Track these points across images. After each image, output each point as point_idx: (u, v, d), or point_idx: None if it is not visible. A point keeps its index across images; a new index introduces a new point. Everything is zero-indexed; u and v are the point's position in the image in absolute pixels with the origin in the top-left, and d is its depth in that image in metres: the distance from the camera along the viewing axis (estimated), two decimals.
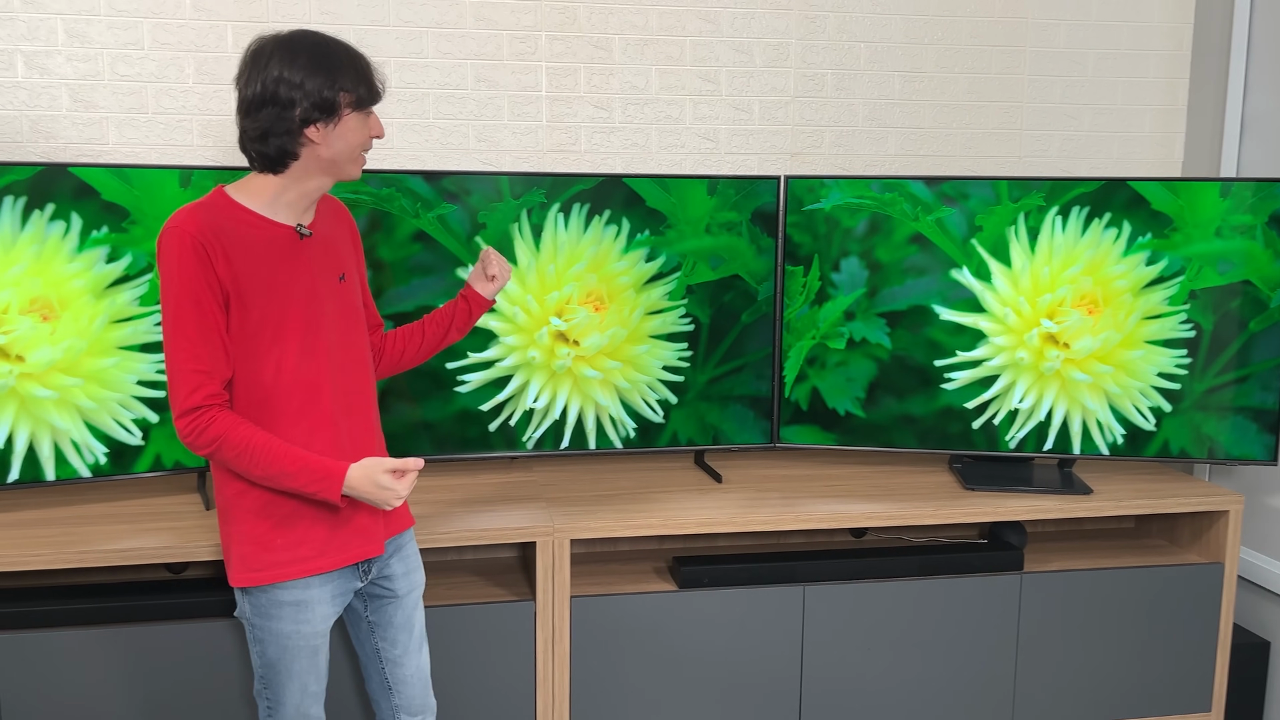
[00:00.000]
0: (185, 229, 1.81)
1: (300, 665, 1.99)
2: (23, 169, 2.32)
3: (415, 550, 2.16)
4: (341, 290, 1.98)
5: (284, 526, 1.93)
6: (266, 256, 1.88)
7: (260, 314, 1.88)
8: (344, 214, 2.10)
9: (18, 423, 2.38)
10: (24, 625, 2.34)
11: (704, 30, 2.94)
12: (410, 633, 2.13)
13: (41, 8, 2.61)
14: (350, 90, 1.86)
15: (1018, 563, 2.74)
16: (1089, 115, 3.15)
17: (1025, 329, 2.75)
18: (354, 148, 1.91)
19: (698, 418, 2.81)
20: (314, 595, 1.96)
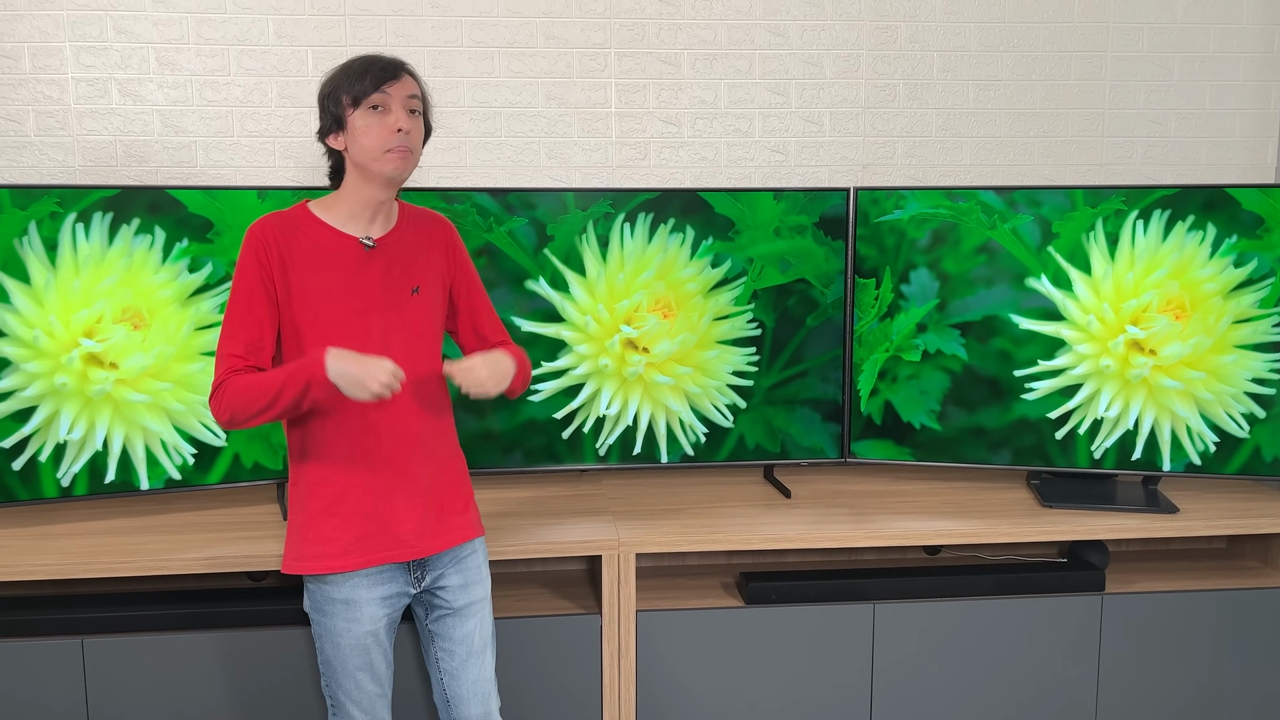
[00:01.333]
0: (254, 231, 1.96)
1: (354, 663, 2.03)
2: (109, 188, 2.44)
3: (479, 564, 2.14)
4: (414, 302, 2.02)
5: (315, 522, 2.00)
6: (328, 264, 1.96)
7: (314, 316, 1.95)
8: (441, 230, 2.11)
9: (113, 426, 2.49)
10: (112, 630, 2.43)
11: (773, 43, 2.93)
12: (468, 647, 2.11)
13: (135, 37, 2.73)
14: (348, 91, 1.92)
15: (1099, 583, 2.65)
16: (1174, 121, 3.05)
17: (1110, 336, 2.67)
18: (373, 146, 1.92)
19: (764, 422, 2.79)
20: (362, 595, 2.01)
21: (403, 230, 2.04)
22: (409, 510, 2.02)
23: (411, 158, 1.95)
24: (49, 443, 2.47)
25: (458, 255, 2.13)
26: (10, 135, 2.72)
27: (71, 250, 2.41)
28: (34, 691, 2.39)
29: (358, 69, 1.94)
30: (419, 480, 2.03)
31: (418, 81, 2.00)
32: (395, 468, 2.00)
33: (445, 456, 2.09)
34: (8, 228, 2.37)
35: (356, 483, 1.99)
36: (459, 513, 2.10)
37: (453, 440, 2.12)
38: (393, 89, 1.93)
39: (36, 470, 2.47)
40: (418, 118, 1.97)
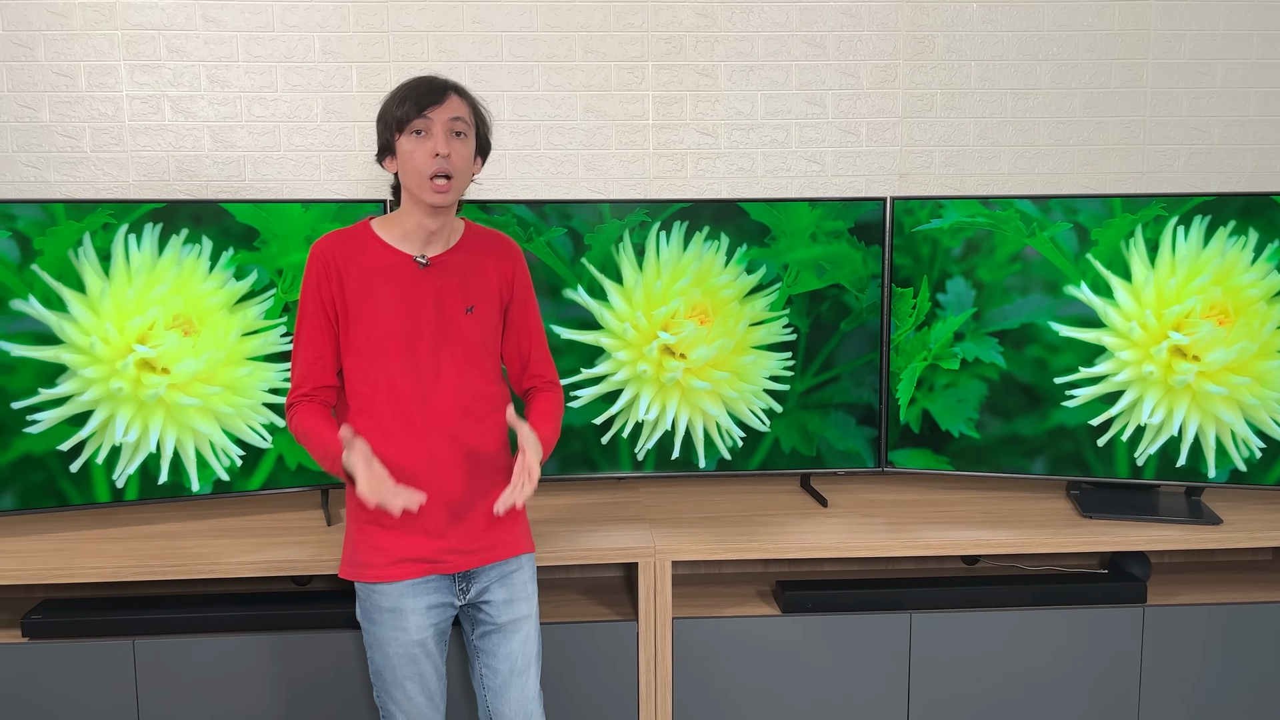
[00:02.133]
0: (315, 249, 2.03)
1: (403, 673, 2.06)
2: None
3: (525, 581, 2.13)
4: (468, 321, 2.03)
5: (365, 532, 2.05)
6: (383, 281, 2.00)
7: (367, 330, 2.00)
8: (504, 252, 2.11)
9: (166, 429, 2.57)
10: (163, 631, 2.50)
11: (810, 54, 2.95)
12: (511, 664, 2.11)
13: (186, 56, 2.81)
14: (392, 116, 1.96)
15: (1140, 595, 2.62)
16: (1218, 128, 3.02)
17: (1152, 342, 2.64)
18: (413, 172, 1.95)
19: (800, 426, 2.80)
20: (408, 605, 2.04)
21: (462, 250, 2.06)
22: (455, 524, 2.04)
23: (453, 185, 1.96)
24: (105, 445, 2.54)
25: (518, 278, 2.12)
26: (67, 151, 2.81)
27: (124, 260, 2.49)
28: (86, 691, 2.46)
29: (401, 93, 1.97)
30: (463, 499, 2.05)
31: (466, 101, 2.00)
32: (443, 482, 2.03)
33: (495, 473, 2.09)
34: (63, 239, 2.45)
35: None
36: (506, 528, 2.10)
37: (503, 460, 2.12)
38: (435, 113, 1.94)
39: (90, 473, 2.55)
40: (463, 140, 1.97)
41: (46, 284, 2.46)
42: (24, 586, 2.66)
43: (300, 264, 2.58)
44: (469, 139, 1.99)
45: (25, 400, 2.48)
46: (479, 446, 2.06)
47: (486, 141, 2.06)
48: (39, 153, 2.81)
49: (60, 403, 2.51)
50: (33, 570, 2.41)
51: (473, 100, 2.03)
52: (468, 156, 1.99)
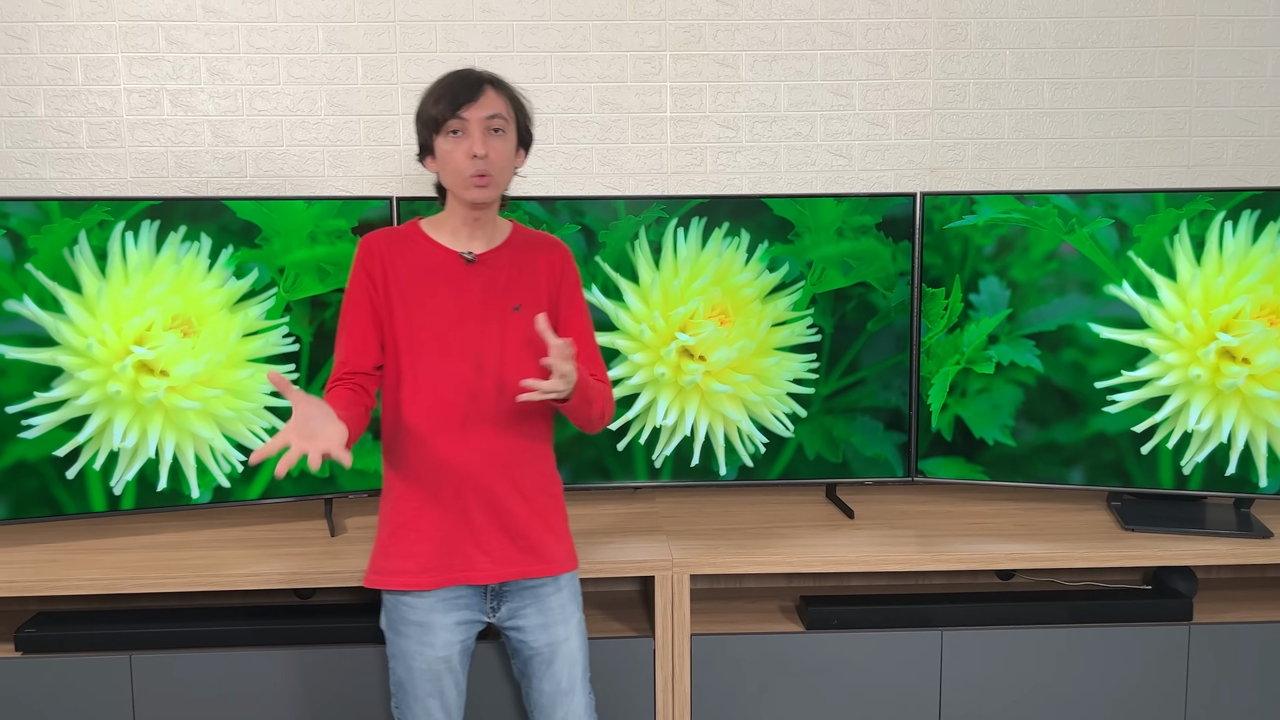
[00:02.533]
0: (363, 244, 2.02)
1: (424, 689, 2.01)
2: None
3: (563, 604, 2.05)
4: (514, 320, 1.99)
5: (396, 537, 2.00)
6: (430, 278, 1.98)
7: (412, 327, 1.97)
8: (552, 253, 2.07)
9: (165, 433, 2.48)
10: (161, 645, 2.41)
11: (836, 43, 2.82)
12: (555, 686, 2.06)
13: (186, 48, 2.72)
14: (428, 116, 1.93)
15: (1186, 612, 2.48)
16: (1269, 119, 2.87)
17: (1200, 344, 2.50)
18: (453, 172, 1.93)
19: (824, 431, 2.67)
20: (436, 619, 1.99)
21: (509, 248, 2.03)
22: (489, 532, 1.99)
23: (492, 182, 1.93)
24: (102, 451, 2.45)
25: (566, 279, 2.08)
26: (63, 147, 2.72)
27: (121, 258, 2.40)
28: (81, 707, 2.37)
29: (436, 92, 1.94)
30: (503, 503, 1.99)
31: (504, 94, 1.96)
32: (479, 488, 1.98)
33: (536, 481, 2.04)
34: (58, 237, 2.36)
35: (438, 499, 1.97)
36: (544, 544, 2.03)
37: (547, 466, 2.07)
38: (470, 111, 1.90)
39: (86, 481, 2.46)
40: (501, 136, 1.93)
41: (41, 284, 2.37)
42: (18, 599, 2.57)
43: (303, 262, 2.49)
44: (508, 134, 1.96)
45: (20, 404, 2.39)
46: (523, 447, 2.01)
47: (528, 132, 2.02)
48: (34, 148, 2.72)
49: (56, 406, 2.41)
50: (26, 582, 2.32)
51: (511, 91, 1.99)
52: (506, 152, 1.96)
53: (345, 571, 2.35)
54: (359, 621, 2.46)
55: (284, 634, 2.44)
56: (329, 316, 2.52)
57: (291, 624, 2.46)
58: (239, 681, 2.39)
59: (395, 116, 2.78)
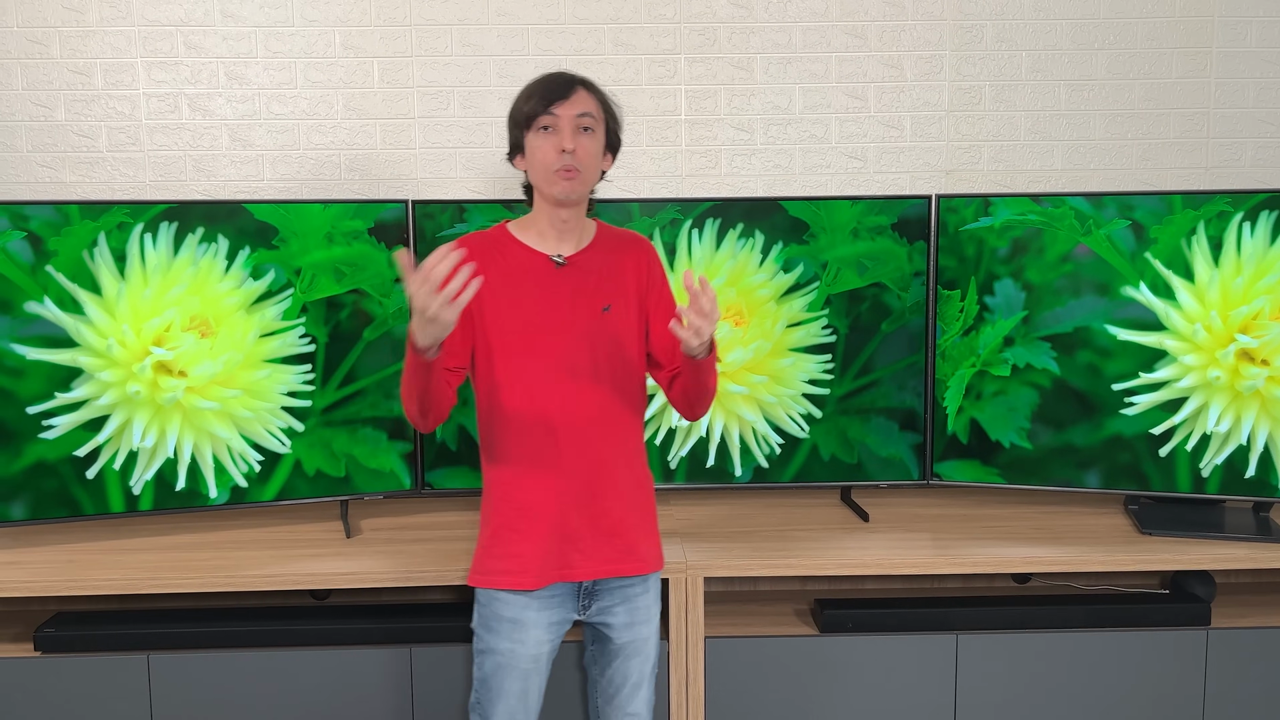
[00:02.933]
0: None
1: (510, 686, 2.03)
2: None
3: (649, 604, 2.09)
4: (604, 321, 2.00)
5: (498, 537, 2.02)
6: (520, 281, 1.99)
7: (502, 330, 1.98)
8: (639, 251, 2.08)
9: (183, 433, 2.49)
10: (178, 646, 2.42)
11: (851, 45, 2.82)
12: (625, 684, 2.10)
13: (204, 52, 2.74)
14: (519, 113, 1.96)
15: (1204, 617, 2.46)
16: None
17: (1218, 346, 2.48)
18: (540, 167, 1.94)
19: (839, 432, 2.67)
20: (531, 618, 2.01)
21: (597, 249, 2.03)
22: (585, 531, 2.01)
23: (580, 178, 1.93)
24: (121, 451, 2.47)
25: (654, 276, 2.08)
26: (83, 151, 2.75)
27: (140, 260, 2.42)
28: (99, 707, 2.39)
29: (529, 90, 1.96)
30: (598, 502, 2.01)
31: (595, 96, 1.98)
32: (575, 488, 2.00)
33: (629, 482, 2.06)
34: (78, 239, 2.38)
35: (536, 500, 1.99)
36: (636, 542, 2.05)
37: (639, 466, 2.09)
38: (561, 108, 1.92)
39: (104, 481, 2.48)
40: (590, 135, 1.95)
41: (61, 286, 2.39)
42: (38, 599, 2.59)
43: (319, 263, 2.50)
44: (597, 134, 1.97)
45: (40, 405, 2.41)
46: (614, 448, 2.03)
47: (616, 137, 2.03)
48: (54, 152, 2.74)
49: (76, 407, 2.43)
50: (45, 582, 2.34)
51: (602, 95, 2.00)
52: (595, 151, 1.96)
53: (361, 573, 2.36)
54: (375, 623, 2.47)
55: (300, 635, 2.45)
56: (344, 317, 2.54)
57: (308, 625, 2.47)
58: (255, 682, 2.40)
59: (411, 120, 2.79)
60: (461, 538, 2.55)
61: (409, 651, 2.41)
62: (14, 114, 2.72)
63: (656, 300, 2.08)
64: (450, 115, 2.79)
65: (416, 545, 2.51)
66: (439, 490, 2.68)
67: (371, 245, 2.53)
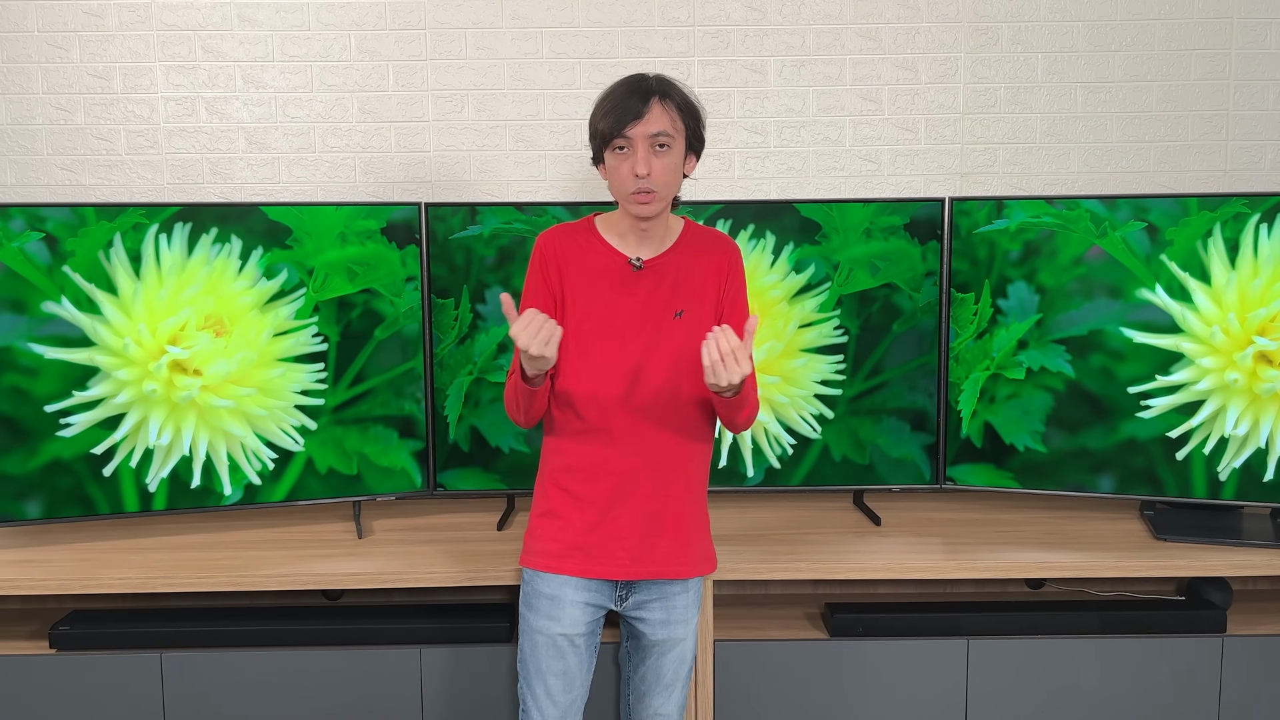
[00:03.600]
0: (540, 241, 2.05)
1: (546, 664, 2.04)
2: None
3: (687, 605, 2.08)
4: (676, 326, 1.99)
5: (543, 521, 2.06)
6: (598, 279, 2.00)
7: (577, 328, 1.99)
8: (722, 255, 2.06)
9: (198, 431, 2.52)
10: (192, 645, 2.44)
11: (865, 48, 2.81)
12: (656, 683, 2.10)
13: (222, 56, 2.76)
14: (596, 131, 1.94)
15: (1220, 624, 2.43)
16: None
17: (1236, 348, 2.46)
18: (619, 186, 1.94)
19: (851, 433, 2.65)
20: (568, 595, 2.02)
21: (678, 252, 2.03)
22: (630, 529, 2.01)
23: (656, 199, 1.92)
24: (138, 448, 2.49)
25: (733, 282, 2.07)
26: (102, 154, 2.78)
27: (155, 260, 2.44)
28: (113, 704, 2.41)
29: (605, 106, 1.93)
30: (650, 503, 2.01)
31: (672, 106, 1.93)
32: (627, 488, 2.01)
33: (686, 484, 2.05)
34: (93, 240, 2.41)
35: (586, 493, 2.01)
36: (681, 547, 2.05)
37: (699, 470, 2.08)
38: (635, 129, 1.89)
39: (119, 480, 2.50)
40: (666, 152, 1.92)
41: (78, 286, 2.41)
42: (54, 597, 2.62)
43: (332, 262, 2.52)
44: (675, 148, 1.94)
45: (57, 404, 2.44)
46: (675, 453, 2.03)
47: (699, 138, 2.00)
48: (74, 155, 2.77)
49: (92, 405, 2.46)
50: (60, 580, 2.36)
51: (679, 101, 1.95)
52: (672, 168, 1.94)
53: (373, 573, 2.37)
54: (387, 623, 2.47)
55: (311, 635, 2.46)
56: (355, 316, 2.55)
57: (319, 625, 2.48)
58: (267, 681, 2.41)
59: (426, 123, 2.81)
60: (473, 539, 2.55)
61: (419, 652, 2.42)
62: (34, 117, 2.76)
63: (730, 309, 2.06)
64: (464, 118, 2.81)
65: (427, 546, 2.52)
66: (451, 491, 2.69)
67: (384, 245, 2.55)
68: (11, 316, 2.40)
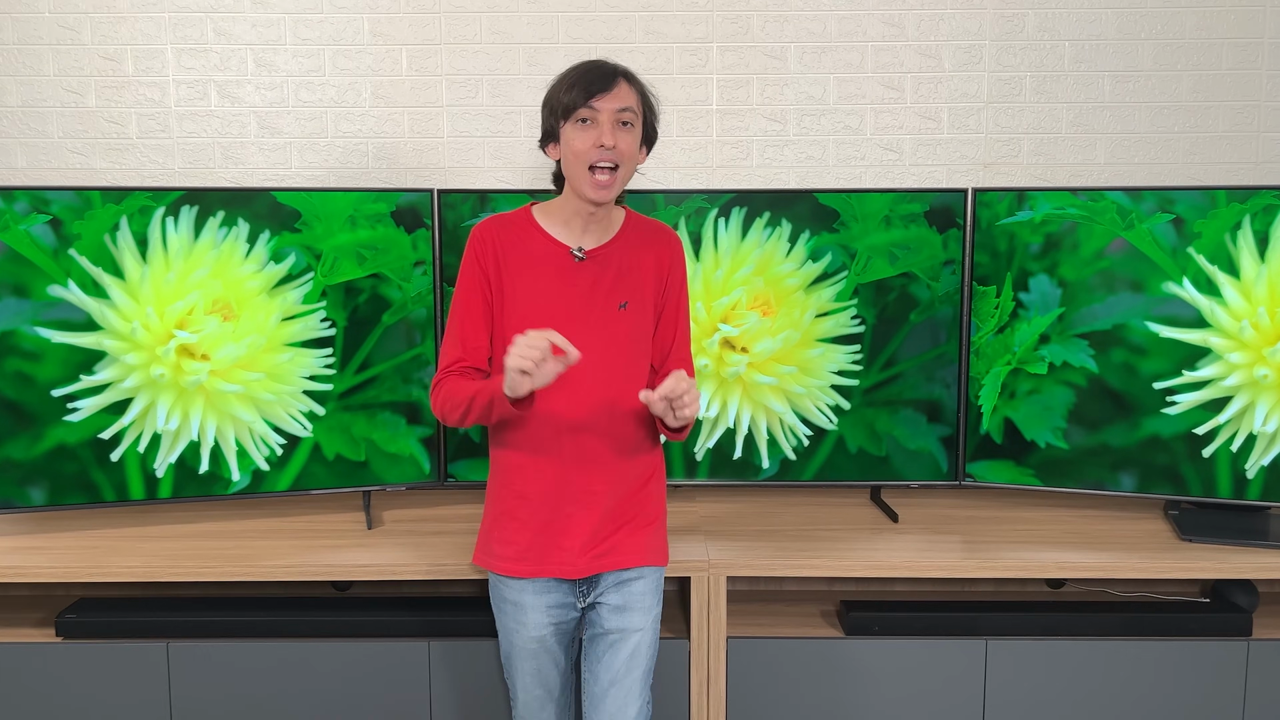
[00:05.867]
0: (475, 232, 1.98)
1: (521, 666, 2.03)
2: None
3: (644, 592, 2.00)
4: (620, 318, 1.95)
5: (498, 524, 2.01)
6: (538, 271, 1.95)
7: (518, 321, 1.93)
8: (663, 246, 2.02)
9: (206, 416, 2.49)
10: (199, 634, 2.42)
11: (887, 35, 2.75)
12: (611, 676, 2.00)
13: (234, 39, 2.73)
14: (558, 102, 1.89)
15: (1245, 627, 2.37)
16: None
17: (1266, 343, 2.39)
18: (575, 160, 1.88)
19: (867, 424, 2.60)
20: (529, 601, 1.99)
21: (620, 242, 1.98)
22: (582, 526, 1.97)
23: (614, 182, 1.89)
24: (145, 433, 2.47)
25: (674, 274, 2.03)
26: (113, 138, 2.75)
27: (162, 244, 2.42)
28: (119, 693, 2.39)
29: (569, 79, 1.90)
30: (600, 498, 1.97)
31: (635, 89, 1.92)
32: (577, 482, 1.96)
33: (636, 478, 2.01)
34: (99, 223, 2.38)
35: (537, 491, 1.97)
36: (633, 539, 2.00)
37: (650, 461, 2.04)
38: (602, 102, 1.87)
39: (125, 466, 2.47)
40: (629, 130, 1.89)
41: (84, 269, 2.39)
42: (62, 585, 2.60)
43: (342, 246, 2.49)
44: (635, 129, 1.92)
45: (65, 388, 2.42)
46: (621, 448, 1.98)
47: (653, 130, 1.97)
48: (85, 139, 2.75)
49: (99, 390, 2.43)
50: (67, 568, 2.34)
51: (642, 87, 1.94)
52: (633, 147, 1.91)
53: (382, 565, 2.33)
54: (396, 615, 2.45)
55: (318, 626, 2.43)
56: (362, 301, 2.51)
57: (326, 616, 2.45)
58: (274, 672, 2.39)
59: (440, 109, 2.76)
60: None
61: (427, 645, 2.38)
62: (45, 99, 2.73)
63: (673, 304, 2.03)
64: (479, 104, 2.77)
65: (437, 538, 2.49)
66: (462, 482, 2.65)
67: (393, 228, 2.51)
68: (16, 300, 2.38)
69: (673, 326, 2.03)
